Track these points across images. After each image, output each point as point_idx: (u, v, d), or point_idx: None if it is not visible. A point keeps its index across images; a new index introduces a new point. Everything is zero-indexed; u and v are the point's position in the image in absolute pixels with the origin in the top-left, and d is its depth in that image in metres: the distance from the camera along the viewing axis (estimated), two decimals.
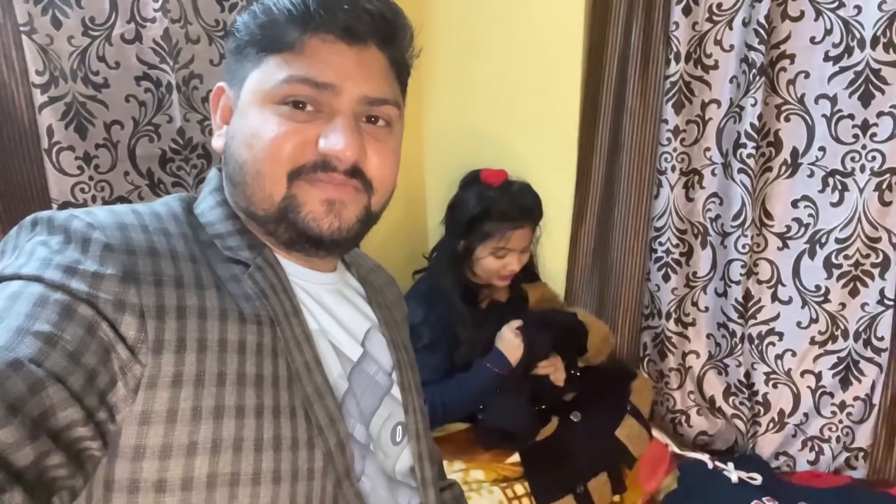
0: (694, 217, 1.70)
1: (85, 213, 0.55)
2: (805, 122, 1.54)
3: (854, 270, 1.55)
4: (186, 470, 0.51)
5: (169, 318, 0.53)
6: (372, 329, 0.74)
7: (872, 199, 1.49)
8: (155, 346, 0.51)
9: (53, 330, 0.47)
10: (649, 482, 1.51)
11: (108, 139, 1.39)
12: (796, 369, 1.64)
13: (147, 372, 0.51)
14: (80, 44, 1.32)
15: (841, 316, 1.58)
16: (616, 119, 1.72)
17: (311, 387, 0.60)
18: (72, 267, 0.51)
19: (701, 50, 1.61)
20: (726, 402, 1.74)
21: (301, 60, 0.61)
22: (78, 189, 1.35)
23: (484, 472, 1.43)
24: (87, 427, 0.47)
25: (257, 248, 0.64)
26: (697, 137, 1.66)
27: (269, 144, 0.61)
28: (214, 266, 0.60)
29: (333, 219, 0.63)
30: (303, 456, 0.57)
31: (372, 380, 0.70)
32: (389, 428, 0.70)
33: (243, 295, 0.59)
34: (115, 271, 0.52)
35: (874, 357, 1.55)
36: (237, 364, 0.55)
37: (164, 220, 0.60)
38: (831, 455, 1.64)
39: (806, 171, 1.56)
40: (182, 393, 0.52)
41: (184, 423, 0.51)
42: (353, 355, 0.69)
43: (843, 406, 1.60)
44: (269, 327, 0.59)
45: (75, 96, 1.33)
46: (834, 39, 1.47)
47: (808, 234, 1.59)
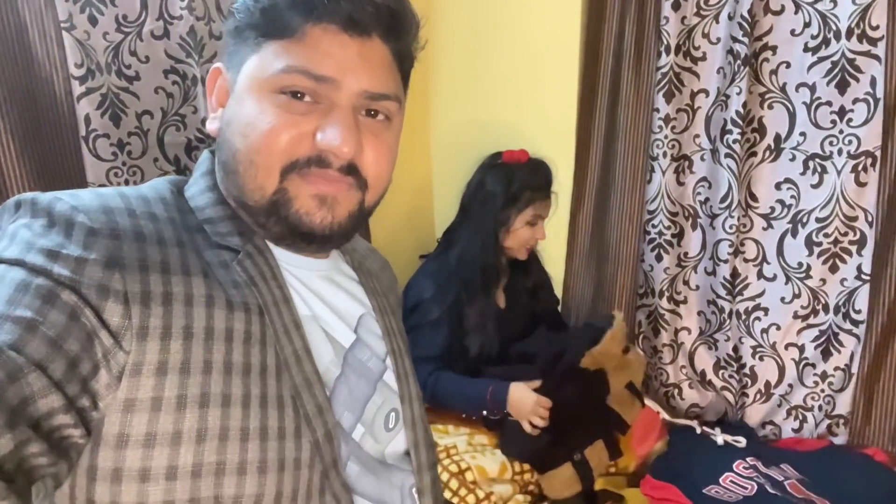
0: (685, 200, 1.81)
1: (69, 196, 0.54)
2: (787, 109, 1.65)
3: (833, 248, 1.65)
4: (171, 459, 0.50)
5: (154, 305, 0.51)
6: (365, 315, 0.73)
7: (849, 180, 1.59)
8: (139, 332, 0.50)
9: (34, 316, 0.46)
10: (641, 446, 1.61)
11: (140, 128, 1.50)
12: (781, 342, 1.74)
13: (131, 359, 0.50)
14: (114, 39, 1.43)
15: (822, 291, 1.68)
16: (612, 109, 1.82)
17: (300, 376, 0.59)
18: (55, 251, 0.49)
19: (690, 42, 1.72)
20: (716, 376, 1.84)
21: (301, 50, 0.59)
22: (112, 173, 1.45)
23: (487, 437, 1.54)
24: (69, 415, 0.46)
25: (247, 235, 0.62)
26: (687, 125, 1.76)
27: (265, 136, 0.59)
28: (203, 252, 0.58)
29: (326, 213, 0.61)
30: (290, 446, 0.56)
31: (365, 366, 0.68)
32: (383, 414, 0.69)
33: (232, 282, 0.58)
34: (99, 256, 0.50)
35: (852, 329, 1.65)
36: (224, 352, 0.54)
37: (151, 203, 0.59)
38: (814, 422, 1.73)
39: (788, 155, 1.66)
40: (167, 381, 0.51)
41: (168, 412, 0.50)
42: (345, 341, 0.67)
43: (825, 376, 1.70)
44: (258, 315, 0.58)
45: (110, 88, 1.43)
46: (812, 31, 1.58)
47: (790, 214, 1.69)
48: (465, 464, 1.41)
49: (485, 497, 1.38)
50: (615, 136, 1.83)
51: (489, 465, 1.43)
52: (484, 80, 2.01)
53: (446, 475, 1.39)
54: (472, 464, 1.42)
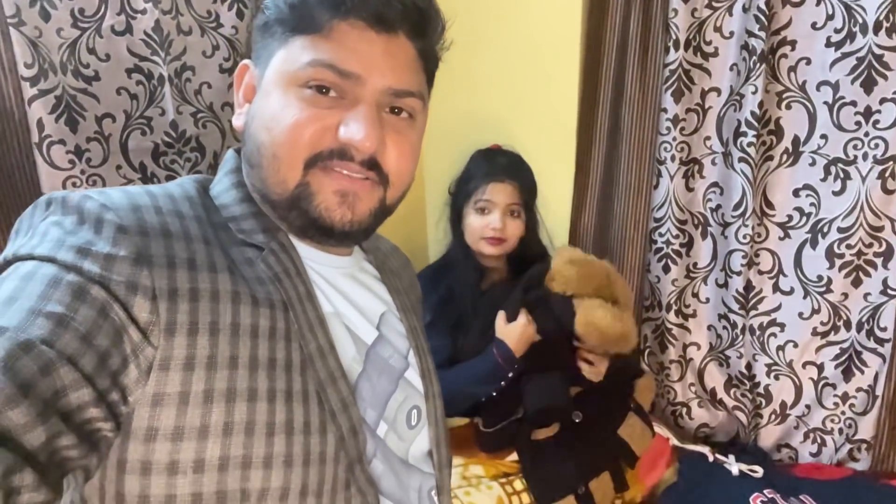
0: (694, 207, 1.68)
1: (99, 194, 0.55)
2: (806, 109, 1.52)
3: (857, 260, 1.52)
4: (198, 452, 0.51)
5: (181, 301, 0.52)
6: (387, 313, 0.74)
7: (875, 187, 1.46)
8: (167, 328, 0.51)
9: (66, 311, 0.47)
10: (650, 476, 1.50)
11: (100, 132, 1.38)
12: (798, 360, 1.62)
13: (159, 354, 0.51)
14: (70, 36, 1.31)
15: (843, 306, 1.56)
16: (615, 108, 1.69)
17: (325, 371, 0.60)
18: (85, 248, 0.51)
19: (700, 37, 1.59)
20: (727, 394, 1.72)
21: (328, 45, 0.60)
22: (70, 183, 1.33)
23: (483, 467, 1.41)
24: (100, 408, 0.47)
25: (272, 232, 0.64)
26: (697, 126, 1.64)
27: (289, 129, 0.60)
28: (228, 249, 0.59)
29: (346, 210, 0.62)
30: (315, 440, 0.57)
31: (387, 363, 0.70)
32: (405, 411, 0.70)
33: (256, 278, 0.59)
34: (127, 253, 0.51)
35: (877, 348, 1.53)
36: (250, 348, 0.55)
37: (177, 201, 0.60)
38: (834, 447, 1.62)
39: (807, 159, 1.54)
40: (194, 375, 0.52)
41: (196, 406, 0.51)
42: (367, 338, 0.69)
43: (846, 398, 1.58)
44: (283, 311, 0.59)
45: (66, 89, 1.31)
46: (836, 25, 1.44)
47: (809, 223, 1.56)
48: (459, 501, 1.29)
49: None
50: (619, 138, 1.70)
51: (484, 502, 1.31)
52: (478, 76, 1.88)
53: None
54: (466, 501, 1.30)
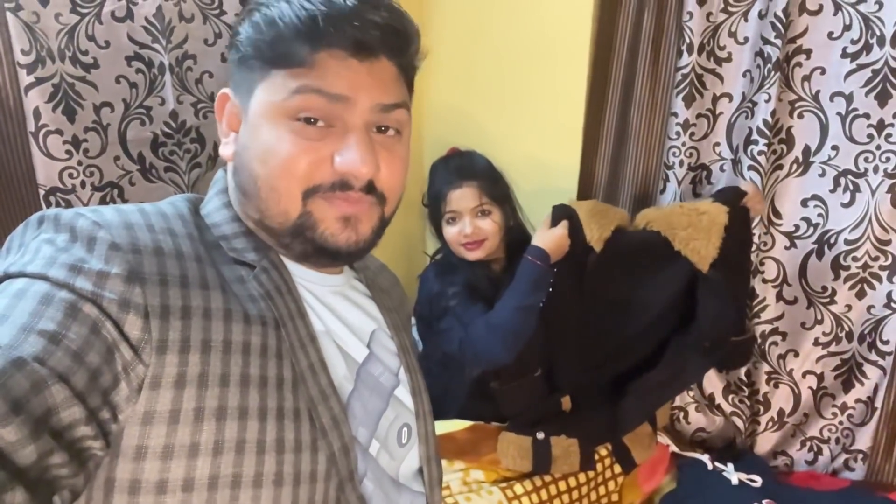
0: None
1: (91, 212, 0.56)
2: (819, 119, 1.51)
3: (862, 272, 1.53)
4: (188, 471, 0.51)
5: (173, 319, 0.53)
6: (377, 331, 0.74)
7: (885, 201, 1.46)
8: (159, 346, 0.51)
9: (58, 328, 0.47)
10: (648, 482, 1.50)
11: (98, 122, 1.34)
12: (798, 369, 1.63)
13: (150, 372, 0.51)
14: (69, 21, 1.27)
15: (846, 318, 1.56)
16: (623, 111, 1.67)
17: (316, 389, 0.60)
18: (77, 265, 0.51)
19: (714, 42, 1.57)
20: (725, 400, 1.72)
21: (311, 72, 0.60)
22: (66, 174, 1.30)
23: (484, 472, 1.41)
24: (90, 426, 0.47)
25: (263, 251, 0.64)
26: (707, 132, 1.62)
27: (284, 162, 0.60)
28: (220, 267, 0.60)
29: (351, 233, 0.63)
30: (306, 459, 0.57)
31: (377, 381, 0.70)
32: (396, 429, 0.70)
33: (248, 296, 0.60)
34: (120, 270, 0.52)
35: (878, 360, 1.54)
36: (241, 365, 0.55)
37: (170, 219, 0.60)
38: (830, 456, 1.63)
39: (817, 169, 1.53)
40: (185, 393, 0.52)
41: (186, 424, 0.51)
42: (358, 356, 0.69)
43: (845, 408, 1.60)
44: (274, 329, 0.59)
45: (63, 77, 1.27)
46: (853, 36, 1.43)
47: (816, 234, 1.56)
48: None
49: None
50: (626, 141, 1.69)
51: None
52: (483, 77, 1.86)
53: None
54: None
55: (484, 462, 1.42)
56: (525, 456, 1.40)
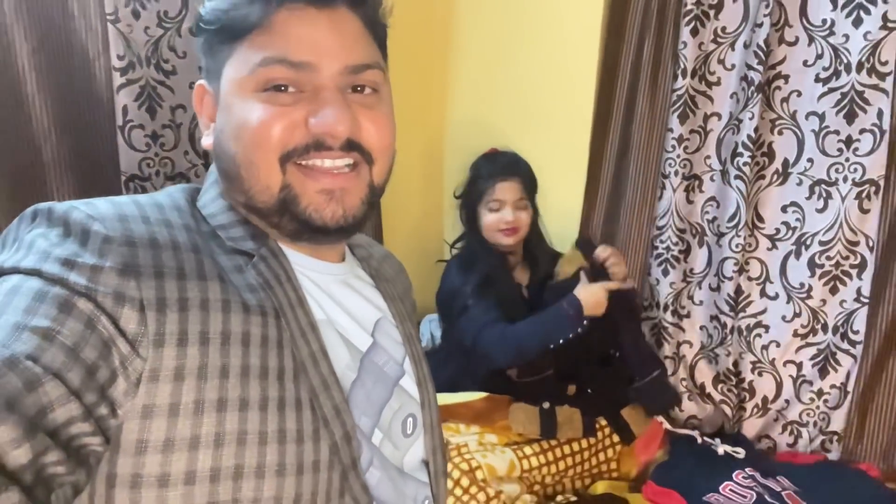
0: (693, 218, 1.87)
1: (85, 205, 0.55)
2: (796, 135, 1.72)
3: (835, 270, 1.72)
4: (189, 464, 0.51)
5: (170, 311, 0.52)
6: (382, 320, 0.73)
7: (853, 206, 1.66)
8: (156, 339, 0.51)
9: (52, 325, 0.47)
10: (644, 454, 1.67)
11: (173, 121, 1.54)
12: (780, 359, 1.81)
13: (148, 365, 0.50)
14: (155, 34, 1.47)
15: (821, 311, 1.75)
16: (626, 127, 1.88)
17: (318, 378, 0.59)
18: (70, 260, 0.50)
19: (705, 67, 1.79)
20: (715, 389, 1.90)
21: (272, 39, 0.59)
22: (144, 164, 1.49)
23: (497, 436, 1.58)
24: (87, 423, 0.47)
25: (261, 239, 0.63)
26: (699, 146, 1.83)
27: (257, 131, 0.59)
28: (218, 257, 0.59)
29: (336, 206, 0.62)
30: (308, 448, 0.56)
31: (381, 370, 0.68)
32: (400, 419, 0.69)
33: (247, 286, 0.58)
34: (114, 264, 0.51)
35: (850, 349, 1.72)
36: (241, 356, 0.54)
37: (165, 210, 0.59)
38: (808, 438, 1.79)
39: (795, 179, 1.73)
40: (184, 386, 0.51)
41: (186, 417, 0.51)
42: (362, 345, 0.67)
43: (821, 393, 1.77)
44: (274, 318, 0.58)
45: (148, 80, 1.47)
46: (824, 63, 1.65)
47: (794, 236, 1.76)
48: (476, 462, 1.45)
49: (494, 496, 1.42)
50: (628, 153, 1.89)
51: (498, 465, 1.48)
52: (501, 95, 2.07)
53: (457, 473, 1.43)
54: (483, 462, 1.46)
55: (497, 427, 1.60)
56: (533, 422, 1.58)
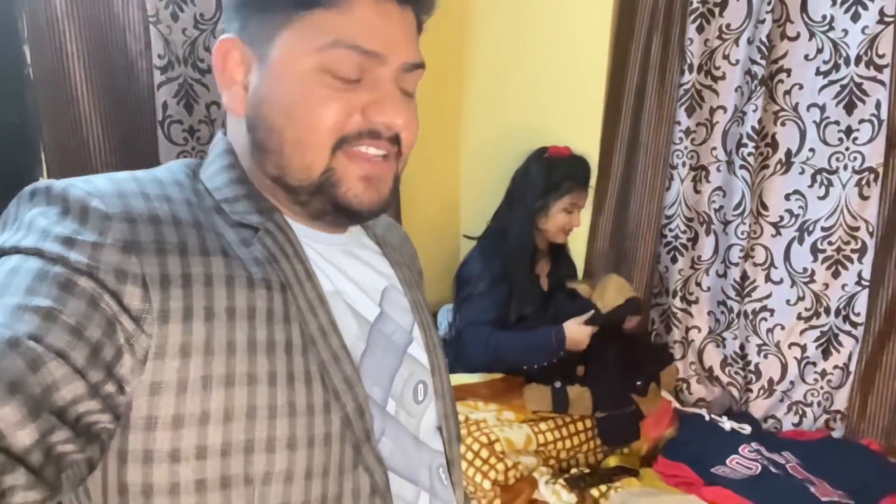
0: (700, 207, 1.95)
1: (84, 182, 0.54)
2: (798, 126, 1.80)
3: (836, 255, 1.79)
4: (200, 439, 0.51)
5: (174, 287, 0.51)
6: (389, 288, 0.72)
7: (853, 193, 1.74)
8: (160, 315, 0.50)
9: (53, 304, 0.46)
10: (653, 431, 1.75)
11: (208, 117, 1.64)
12: (784, 341, 1.88)
13: (154, 342, 0.50)
14: (192, 35, 1.57)
15: (824, 294, 1.83)
16: (635, 120, 1.97)
17: (327, 351, 0.59)
18: (71, 238, 0.50)
19: (711, 63, 1.87)
20: (723, 372, 1.97)
21: (349, 22, 0.58)
22: (182, 156, 1.59)
23: (514, 413, 1.67)
24: (95, 400, 0.47)
25: (266, 213, 0.62)
26: (706, 138, 1.92)
27: (315, 115, 0.59)
28: (222, 231, 0.58)
29: (373, 193, 0.63)
30: (319, 421, 0.56)
31: (390, 339, 0.68)
32: (411, 387, 0.69)
33: (253, 259, 0.57)
34: (115, 240, 0.50)
35: (851, 330, 1.79)
36: (247, 331, 0.54)
37: (166, 186, 0.58)
38: (813, 417, 1.87)
39: (798, 168, 1.81)
40: (191, 362, 0.51)
41: (194, 393, 0.51)
42: (370, 316, 0.67)
43: (824, 374, 1.84)
44: (280, 292, 0.57)
45: (186, 79, 1.57)
46: (824, 57, 1.73)
47: (798, 223, 1.83)
48: (495, 436, 1.54)
49: (512, 466, 1.50)
50: (637, 147, 1.98)
51: (516, 438, 1.57)
52: (514, 92, 2.17)
53: (477, 445, 1.51)
54: (501, 436, 1.54)
55: (513, 405, 1.68)
56: (545, 399, 1.67)
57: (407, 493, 0.64)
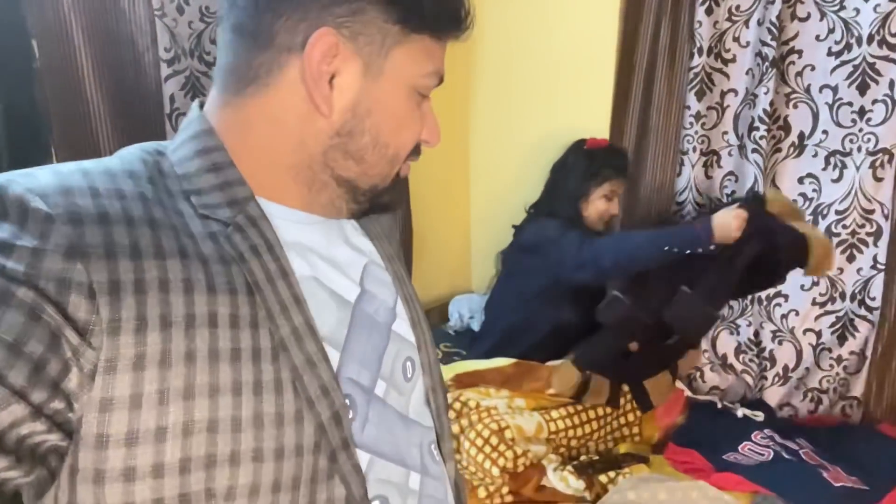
0: (712, 193, 1.93)
1: (24, 177, 0.49)
2: (810, 108, 1.77)
3: (851, 239, 1.76)
4: (156, 456, 0.48)
5: (125, 295, 0.47)
6: (369, 264, 0.69)
7: (867, 176, 1.71)
8: (110, 327, 0.46)
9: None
10: (664, 419, 1.73)
11: None
12: (799, 328, 1.86)
13: (103, 356, 0.46)
14: (198, 28, 1.58)
15: (839, 279, 1.80)
16: (645, 106, 1.95)
17: (301, 356, 0.55)
18: (8, 243, 0.45)
19: (721, 45, 1.85)
20: (737, 360, 1.95)
21: (439, 52, 0.62)
22: None
23: (525, 400, 1.67)
24: (38, 421, 0.44)
25: (239, 204, 0.57)
26: (716, 122, 1.89)
27: (411, 132, 0.62)
28: (187, 224, 0.53)
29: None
30: (289, 432, 0.53)
31: (373, 319, 0.66)
32: (400, 364, 0.68)
33: (219, 258, 0.53)
34: (57, 245, 0.46)
35: (867, 315, 1.76)
36: (209, 339, 0.50)
37: (118, 178, 0.53)
38: (829, 404, 1.85)
39: (811, 151, 1.78)
40: (146, 375, 0.47)
41: (150, 408, 0.47)
42: (350, 296, 0.64)
43: (840, 360, 1.81)
44: (247, 295, 0.53)
45: (192, 71, 1.59)
46: (836, 37, 1.70)
47: (812, 206, 1.81)
48: (505, 423, 1.54)
49: (521, 454, 1.50)
50: (647, 132, 1.96)
51: (526, 426, 1.56)
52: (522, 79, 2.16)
53: (487, 432, 1.51)
54: (511, 423, 1.54)
55: (524, 392, 1.68)
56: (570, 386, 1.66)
57: (396, 477, 0.63)
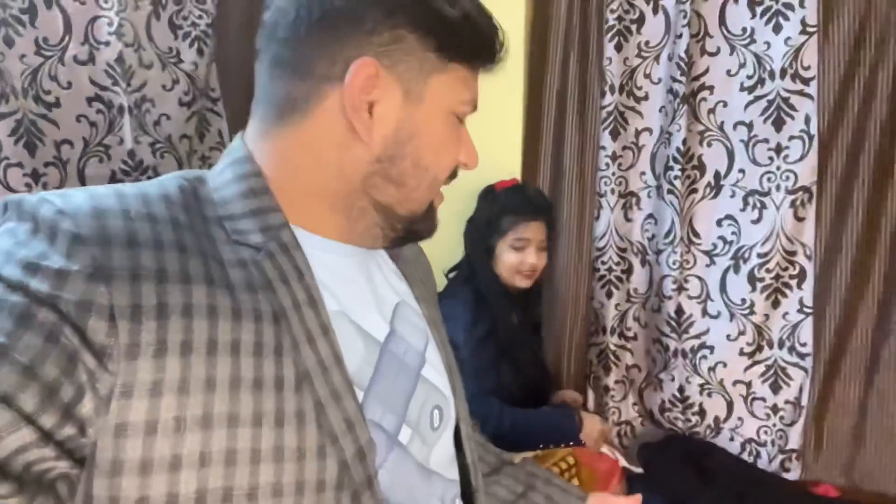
0: (633, 237, 1.81)
1: (58, 197, 0.50)
2: (725, 146, 1.68)
3: (775, 283, 1.67)
4: (170, 486, 0.46)
5: (146, 319, 0.47)
6: (402, 304, 0.68)
7: (788, 215, 1.63)
8: (128, 350, 0.46)
9: (5, 340, 0.43)
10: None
11: (58, 157, 1.39)
12: (728, 379, 1.74)
13: (119, 380, 0.45)
14: (33, 63, 1.34)
15: (766, 326, 1.69)
16: (557, 148, 1.81)
17: (326, 388, 0.54)
18: (35, 263, 0.46)
19: (632, 83, 1.75)
20: (663, 417, 1.81)
21: (475, 82, 0.64)
22: None
23: None
24: (48, 447, 0.43)
25: (272, 231, 0.56)
26: (633, 162, 1.78)
27: (450, 158, 0.64)
28: (218, 249, 0.53)
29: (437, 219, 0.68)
30: (311, 467, 0.51)
31: (401, 361, 0.63)
32: (427, 412, 0.65)
33: (246, 285, 0.53)
34: (82, 267, 0.46)
35: (799, 362, 1.66)
36: (230, 367, 0.49)
37: (151, 203, 0.53)
38: (768, 458, 1.72)
39: (728, 191, 1.69)
40: (163, 402, 0.46)
41: (166, 436, 0.46)
42: (379, 335, 0.62)
43: (776, 409, 1.70)
44: (272, 324, 0.53)
45: (26, 114, 1.33)
46: (748, 72, 1.63)
47: (732, 250, 1.70)
48: None
49: None
50: (561, 175, 1.82)
51: None
52: None
53: None
54: None
55: None
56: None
57: None
